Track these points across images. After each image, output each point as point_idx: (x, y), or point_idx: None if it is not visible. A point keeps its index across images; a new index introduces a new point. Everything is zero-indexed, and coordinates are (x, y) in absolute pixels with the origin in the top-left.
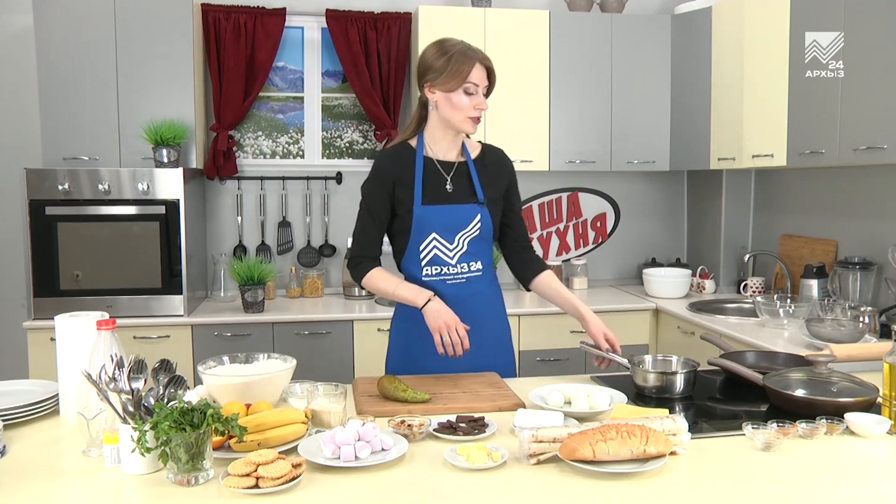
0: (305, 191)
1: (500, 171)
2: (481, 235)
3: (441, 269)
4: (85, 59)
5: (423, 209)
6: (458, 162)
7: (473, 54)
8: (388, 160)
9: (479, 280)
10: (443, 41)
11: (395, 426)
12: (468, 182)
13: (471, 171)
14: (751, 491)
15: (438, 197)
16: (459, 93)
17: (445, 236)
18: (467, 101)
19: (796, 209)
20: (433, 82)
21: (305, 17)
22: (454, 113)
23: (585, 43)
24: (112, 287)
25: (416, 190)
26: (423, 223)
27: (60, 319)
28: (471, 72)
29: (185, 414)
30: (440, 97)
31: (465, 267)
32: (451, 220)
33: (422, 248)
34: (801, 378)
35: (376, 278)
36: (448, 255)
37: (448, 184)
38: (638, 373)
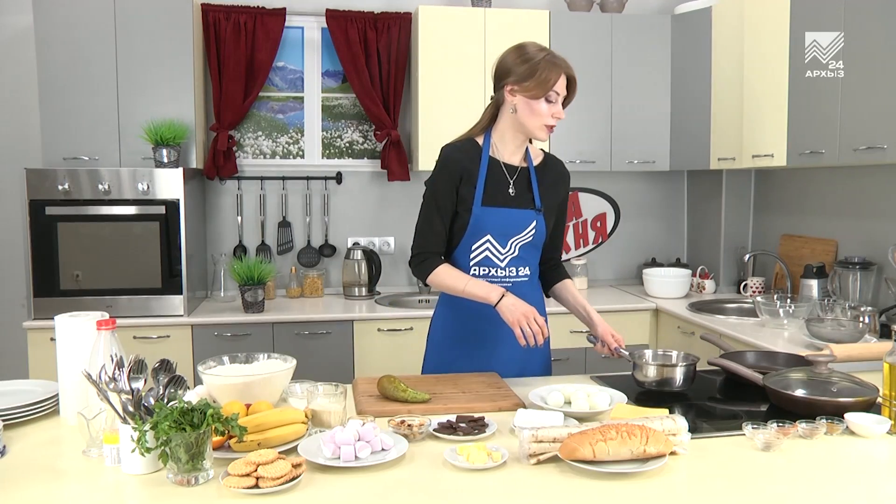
0: (305, 191)
1: (559, 183)
2: (533, 242)
3: (489, 270)
4: (85, 59)
5: (483, 210)
6: (521, 167)
7: (561, 63)
8: (457, 153)
9: (524, 285)
10: (524, 45)
11: (395, 426)
12: (528, 188)
13: (532, 178)
14: (751, 491)
15: (499, 199)
16: (541, 100)
17: (499, 240)
18: (546, 109)
19: (796, 209)
20: (515, 85)
21: (305, 17)
22: (532, 119)
23: (585, 43)
24: (112, 287)
25: (478, 189)
26: (480, 224)
27: (60, 319)
28: (557, 81)
29: (185, 414)
30: (520, 101)
31: (513, 271)
32: (508, 224)
33: (474, 247)
34: (801, 378)
35: (444, 275)
36: (499, 259)
37: (511, 187)
38: (639, 366)
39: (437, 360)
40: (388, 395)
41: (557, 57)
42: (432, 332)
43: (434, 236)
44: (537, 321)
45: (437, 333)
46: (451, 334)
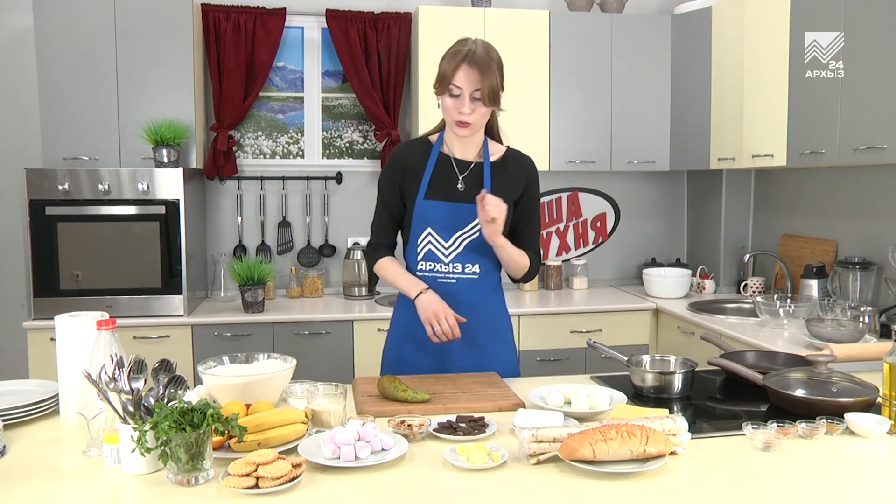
0: (305, 191)
1: (518, 178)
2: (482, 238)
3: (434, 265)
4: (85, 59)
5: (425, 203)
6: (476, 162)
7: (460, 55)
8: (403, 151)
9: (473, 283)
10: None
11: (395, 426)
12: (479, 183)
13: (485, 174)
14: (751, 491)
15: (445, 193)
16: (445, 95)
17: (441, 233)
18: (451, 105)
19: (796, 209)
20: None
21: (305, 17)
22: (446, 115)
23: (585, 43)
24: (112, 287)
25: (422, 183)
26: (421, 216)
27: (60, 319)
28: (454, 74)
29: (185, 414)
30: (439, 98)
31: (458, 267)
32: (451, 218)
33: (418, 241)
34: (801, 378)
35: (383, 266)
36: (443, 254)
37: (460, 182)
38: (636, 373)
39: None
40: (389, 395)
41: (465, 47)
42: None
43: (381, 230)
44: (448, 321)
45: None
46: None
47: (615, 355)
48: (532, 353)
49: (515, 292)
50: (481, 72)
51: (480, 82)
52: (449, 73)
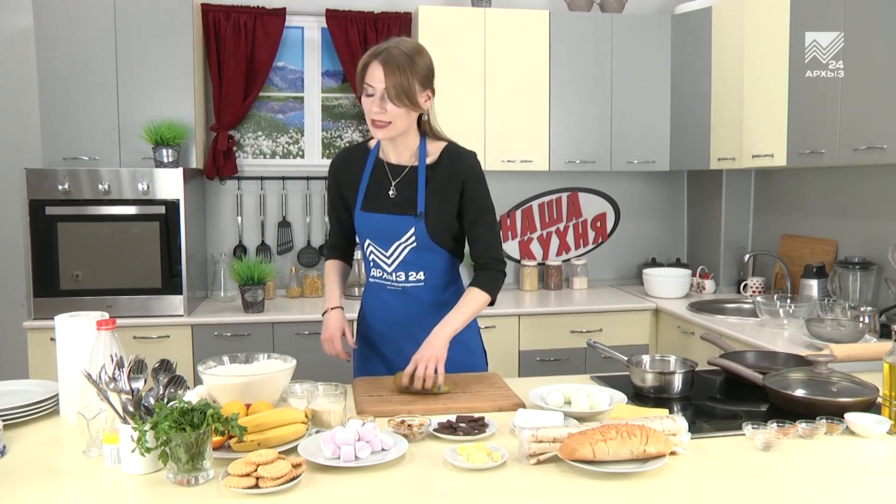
0: (305, 191)
1: (454, 179)
2: (421, 246)
3: (380, 273)
4: (85, 59)
5: (361, 215)
6: (410, 166)
7: (373, 53)
8: (339, 161)
9: (419, 290)
10: None
11: (395, 426)
12: (412, 190)
13: (419, 180)
14: (751, 491)
15: (378, 204)
16: (363, 95)
17: (380, 244)
18: (367, 104)
19: (796, 209)
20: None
21: (305, 17)
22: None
23: (585, 43)
24: (112, 287)
25: (359, 194)
26: (361, 228)
27: (60, 319)
28: (365, 72)
29: (185, 414)
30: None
31: (401, 276)
32: (385, 230)
33: (365, 250)
34: (801, 378)
35: (325, 269)
36: (386, 262)
37: (392, 189)
38: (636, 373)
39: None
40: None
41: (382, 46)
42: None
43: (333, 232)
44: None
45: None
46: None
47: (615, 355)
48: (532, 353)
49: (515, 292)
50: (390, 70)
51: (387, 80)
52: (361, 73)
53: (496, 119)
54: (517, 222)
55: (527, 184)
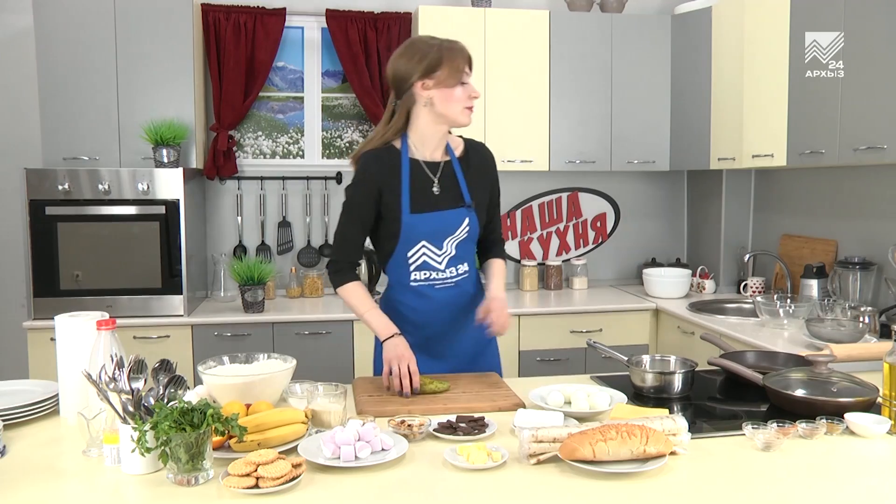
0: (305, 191)
1: (486, 171)
2: (469, 237)
3: (430, 273)
4: (85, 59)
5: (412, 217)
6: (444, 161)
7: (461, 47)
8: (374, 166)
9: (466, 281)
10: (412, 43)
11: (395, 426)
12: (455, 183)
13: (456, 171)
14: (751, 491)
15: (426, 203)
16: (456, 87)
17: (434, 243)
18: (462, 92)
19: (796, 209)
20: (427, 79)
21: (305, 17)
22: (451, 105)
23: (585, 43)
24: (112, 287)
25: (403, 197)
26: (412, 231)
27: (60, 319)
28: (464, 64)
29: (185, 414)
30: (435, 94)
31: (453, 271)
32: (440, 227)
33: (410, 254)
34: (801, 378)
35: (351, 293)
36: (437, 261)
37: (435, 185)
38: (636, 373)
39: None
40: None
41: (453, 42)
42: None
43: (349, 245)
44: (410, 367)
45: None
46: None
47: (615, 355)
48: (532, 353)
49: (515, 292)
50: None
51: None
52: (462, 65)
53: (496, 119)
54: (517, 222)
55: (527, 184)
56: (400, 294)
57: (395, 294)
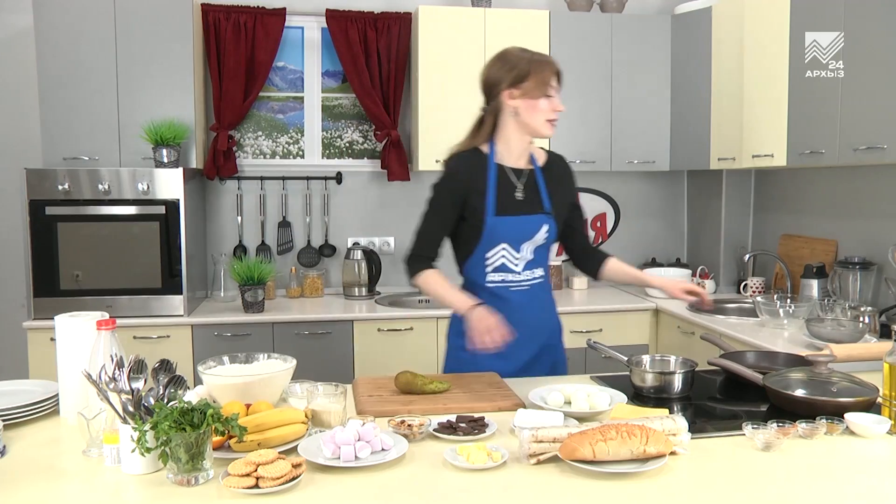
0: (305, 191)
1: (566, 180)
2: (546, 244)
3: (506, 276)
4: (85, 59)
5: (495, 220)
6: (528, 169)
7: (549, 60)
8: (464, 168)
9: (540, 286)
10: (505, 53)
11: (395, 426)
12: (536, 191)
13: (538, 181)
14: (751, 491)
15: (510, 207)
16: (541, 98)
17: (514, 246)
18: (547, 104)
19: (796, 209)
20: (514, 89)
21: (305, 17)
22: (535, 116)
23: (585, 43)
24: (112, 287)
25: (488, 199)
26: (494, 233)
27: (60, 319)
28: (552, 76)
29: (185, 414)
30: (520, 103)
31: (529, 274)
32: (521, 231)
33: (489, 255)
34: (801, 378)
35: (429, 279)
36: (514, 264)
37: (519, 191)
38: (636, 373)
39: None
40: (412, 390)
41: (543, 55)
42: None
43: (430, 242)
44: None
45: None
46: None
47: (615, 355)
48: None
49: None
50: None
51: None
52: (549, 77)
53: None
54: None
55: None
56: (474, 290)
57: (469, 292)
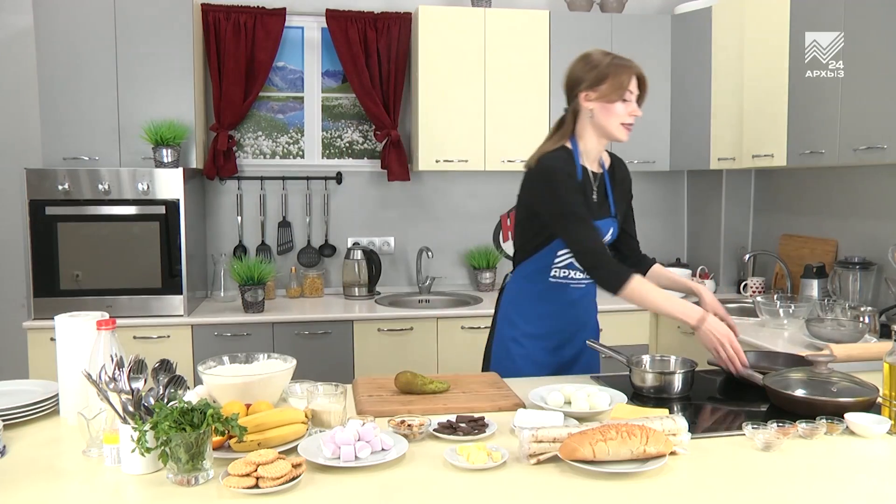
0: (305, 191)
1: (627, 186)
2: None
3: (570, 273)
4: (85, 59)
5: None
6: (599, 173)
7: (630, 64)
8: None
9: (592, 286)
10: (589, 54)
11: (395, 426)
12: (605, 194)
13: (607, 185)
14: (751, 491)
15: (590, 210)
16: (617, 102)
17: None
18: (623, 109)
19: (796, 209)
20: (590, 91)
21: (305, 17)
22: (610, 120)
23: (585, 43)
24: (112, 287)
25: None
26: None
27: (60, 319)
28: (631, 80)
29: (185, 414)
30: (596, 106)
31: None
32: None
33: (561, 253)
34: (801, 378)
35: (646, 289)
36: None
37: (594, 194)
38: (636, 373)
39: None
40: (413, 390)
41: (624, 59)
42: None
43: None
44: (734, 346)
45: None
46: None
47: (615, 355)
48: None
49: None
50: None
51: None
52: (626, 81)
53: (496, 119)
54: None
55: None
56: (535, 283)
57: (530, 284)
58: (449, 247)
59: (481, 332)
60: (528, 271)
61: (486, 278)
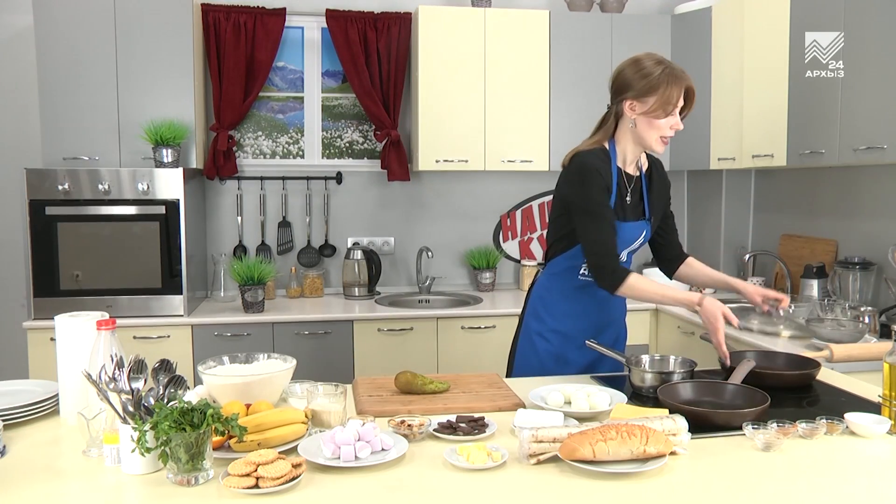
0: (305, 191)
1: (664, 188)
2: (637, 248)
3: None
4: (85, 59)
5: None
6: (635, 175)
7: (681, 76)
8: (598, 164)
9: None
10: (640, 59)
11: (395, 426)
12: (640, 197)
13: (643, 187)
14: (751, 491)
15: (622, 211)
16: (660, 115)
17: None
18: (665, 122)
19: (796, 209)
20: (636, 101)
21: (305, 17)
22: (650, 132)
23: (585, 43)
24: (112, 287)
25: (611, 201)
26: None
27: (60, 319)
28: (678, 97)
29: (185, 414)
30: (640, 119)
31: None
32: (626, 237)
33: None
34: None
35: (642, 283)
36: None
37: (629, 195)
38: (636, 373)
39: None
40: (413, 390)
41: (676, 69)
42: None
43: (613, 246)
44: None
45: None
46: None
47: (615, 355)
48: None
49: (515, 292)
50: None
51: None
52: (676, 97)
53: (496, 119)
54: (517, 222)
55: (527, 184)
56: (564, 280)
57: (559, 281)
58: (449, 247)
59: (481, 332)
60: (558, 268)
61: (486, 278)
